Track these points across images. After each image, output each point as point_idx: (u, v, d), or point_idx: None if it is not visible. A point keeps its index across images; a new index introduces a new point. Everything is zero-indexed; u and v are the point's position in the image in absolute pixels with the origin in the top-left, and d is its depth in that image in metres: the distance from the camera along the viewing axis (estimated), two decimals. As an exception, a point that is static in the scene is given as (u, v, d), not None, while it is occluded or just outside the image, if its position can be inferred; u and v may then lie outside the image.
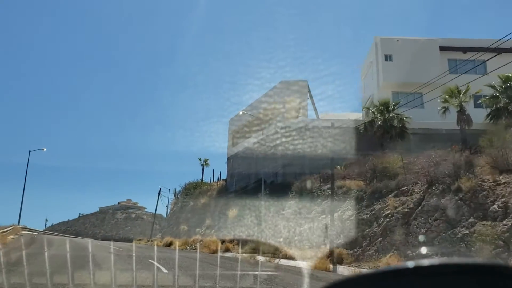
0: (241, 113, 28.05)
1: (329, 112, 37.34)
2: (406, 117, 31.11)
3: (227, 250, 27.57)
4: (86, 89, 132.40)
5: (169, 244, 36.12)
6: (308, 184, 25.36)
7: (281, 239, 24.54)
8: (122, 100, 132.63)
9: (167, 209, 53.10)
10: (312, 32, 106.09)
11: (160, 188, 51.40)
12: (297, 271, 14.61)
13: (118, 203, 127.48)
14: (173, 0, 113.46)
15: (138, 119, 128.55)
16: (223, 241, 29.48)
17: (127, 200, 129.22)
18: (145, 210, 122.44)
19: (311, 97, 34.34)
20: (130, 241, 55.86)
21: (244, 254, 24.22)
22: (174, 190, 48.87)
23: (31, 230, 41.51)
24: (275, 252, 21.68)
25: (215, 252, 27.47)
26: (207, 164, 53.62)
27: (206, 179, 49.60)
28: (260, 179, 30.95)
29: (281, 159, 31.18)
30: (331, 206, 21.78)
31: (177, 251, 23.87)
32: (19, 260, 12.44)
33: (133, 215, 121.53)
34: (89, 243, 24.97)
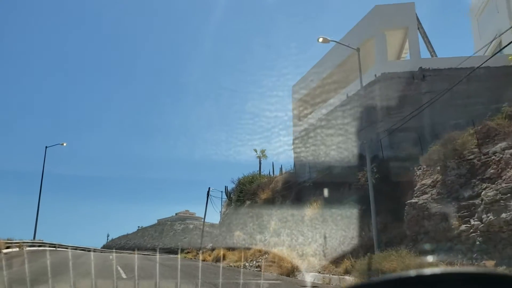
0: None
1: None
2: None
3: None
4: (131, 97, 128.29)
5: (220, 258, 25.71)
6: (458, 146, 13.70)
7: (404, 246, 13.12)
8: (180, 110, 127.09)
9: (220, 214, 42.92)
10: (314, 40, 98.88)
11: (209, 188, 41.35)
12: None
13: (176, 214, 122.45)
14: (174, 9, 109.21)
15: (194, 128, 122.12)
16: (301, 254, 18.55)
17: (185, 210, 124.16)
18: (203, 220, 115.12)
19: (421, 28, 22.59)
20: (180, 253, 46.42)
21: (351, 277, 13.14)
22: (226, 188, 38.28)
23: (54, 245, 33.34)
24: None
25: (290, 273, 16.53)
26: (264, 156, 42.93)
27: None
28: (355, 155, 19.72)
29: (384, 123, 19.76)
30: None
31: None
32: None
33: (191, 226, 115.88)
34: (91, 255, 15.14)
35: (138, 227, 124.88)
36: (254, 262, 20.78)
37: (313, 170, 23.04)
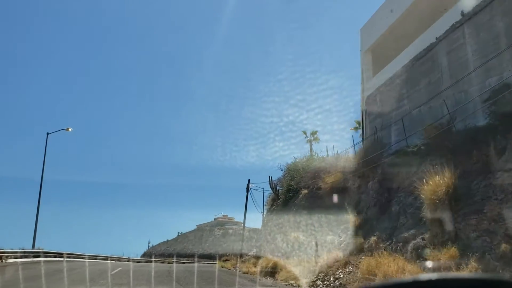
0: None
1: None
2: None
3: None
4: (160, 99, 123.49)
5: (271, 271, 17.93)
6: None
7: None
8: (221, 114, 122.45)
9: (262, 214, 34.89)
10: (311, 46, 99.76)
11: (249, 181, 33.67)
12: None
13: (215, 218, 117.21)
14: (173, 15, 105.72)
15: (227, 132, 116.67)
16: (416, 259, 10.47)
17: (223, 215, 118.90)
18: (243, 222, 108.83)
19: None
20: (219, 259, 39.06)
21: None
22: (270, 178, 30.10)
23: (61, 255, 27.50)
24: None
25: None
26: (316, 139, 34.98)
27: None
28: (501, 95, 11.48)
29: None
30: None
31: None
32: None
33: (230, 231, 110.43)
34: None
35: (178, 233, 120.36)
36: (331, 277, 12.83)
37: (415, 129, 14.71)
